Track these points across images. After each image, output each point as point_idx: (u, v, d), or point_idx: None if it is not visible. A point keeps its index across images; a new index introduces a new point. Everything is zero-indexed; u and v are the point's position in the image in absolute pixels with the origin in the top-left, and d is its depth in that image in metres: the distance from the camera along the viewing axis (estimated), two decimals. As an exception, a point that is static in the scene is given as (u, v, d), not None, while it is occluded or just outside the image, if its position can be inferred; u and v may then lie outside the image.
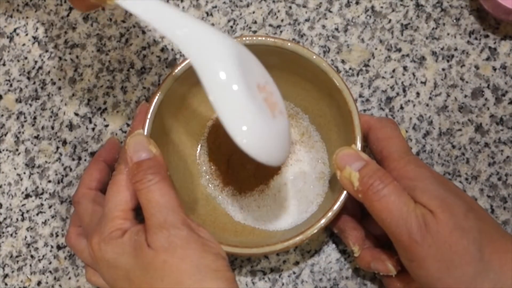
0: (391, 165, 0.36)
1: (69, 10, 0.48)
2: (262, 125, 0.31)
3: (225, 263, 0.33)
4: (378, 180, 0.34)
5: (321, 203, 0.41)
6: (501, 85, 0.44)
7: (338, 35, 0.46)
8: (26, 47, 0.48)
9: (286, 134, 0.34)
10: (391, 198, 0.33)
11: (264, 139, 0.31)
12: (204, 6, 0.47)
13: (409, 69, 0.45)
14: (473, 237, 0.32)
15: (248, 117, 0.30)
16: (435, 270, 0.32)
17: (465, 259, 0.32)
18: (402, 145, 0.37)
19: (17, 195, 0.46)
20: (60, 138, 0.46)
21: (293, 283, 0.43)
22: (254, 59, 0.34)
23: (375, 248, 0.39)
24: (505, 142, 0.44)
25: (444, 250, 0.32)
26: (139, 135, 0.36)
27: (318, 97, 0.42)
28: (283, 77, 0.42)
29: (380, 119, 0.39)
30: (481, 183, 0.43)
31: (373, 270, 0.38)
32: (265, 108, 0.32)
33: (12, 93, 0.47)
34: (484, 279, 0.32)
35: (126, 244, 0.33)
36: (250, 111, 0.30)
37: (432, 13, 0.45)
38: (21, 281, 0.45)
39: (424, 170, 0.35)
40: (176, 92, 0.40)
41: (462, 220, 0.32)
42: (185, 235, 0.32)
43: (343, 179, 0.35)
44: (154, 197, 0.33)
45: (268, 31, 0.46)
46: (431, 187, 0.34)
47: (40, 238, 0.45)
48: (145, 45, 0.47)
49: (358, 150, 0.36)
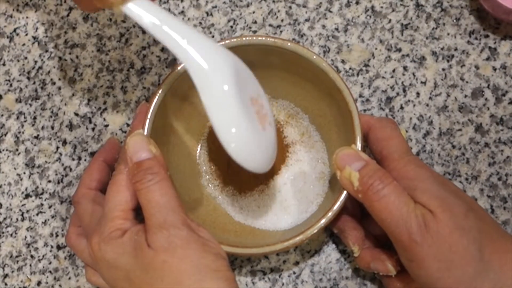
0: (391, 165, 0.36)
1: (69, 10, 0.48)
2: (251, 135, 0.33)
3: (225, 263, 0.33)
4: (378, 180, 0.34)
5: (321, 203, 0.41)
6: (501, 85, 0.44)
7: (338, 35, 0.46)
8: (26, 47, 0.48)
9: (273, 144, 0.36)
10: (391, 198, 0.33)
11: (252, 149, 0.33)
12: (204, 6, 0.47)
13: (409, 69, 0.45)
14: (473, 237, 0.32)
15: (238, 126, 0.32)
16: (435, 270, 0.32)
17: (465, 259, 0.32)
18: (402, 145, 0.37)
19: (17, 195, 0.46)
20: (60, 138, 0.46)
21: (293, 283, 0.43)
22: (248, 72, 0.35)
23: (375, 248, 0.39)
24: (505, 142, 0.44)
25: (444, 250, 0.32)
26: (139, 135, 0.36)
27: (318, 97, 0.42)
28: (283, 77, 0.42)
29: (380, 119, 0.39)
30: (481, 183, 0.43)
31: (373, 270, 0.38)
32: (256, 120, 0.33)
33: (12, 93, 0.47)
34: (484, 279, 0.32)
35: (126, 244, 0.33)
36: (241, 120, 0.32)
37: (432, 13, 0.45)
38: (21, 281, 0.45)
39: (424, 170, 0.35)
40: (176, 92, 0.40)
41: (462, 220, 0.32)
42: (185, 235, 0.32)
43: (343, 179, 0.35)
44: (154, 197, 0.33)
45: (268, 31, 0.46)
46: (431, 187, 0.34)
47: (40, 238, 0.45)
48: (145, 45, 0.47)
49: (358, 150, 0.36)
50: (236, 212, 0.42)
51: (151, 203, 0.33)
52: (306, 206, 0.42)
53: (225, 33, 0.47)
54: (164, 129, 0.41)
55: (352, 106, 0.38)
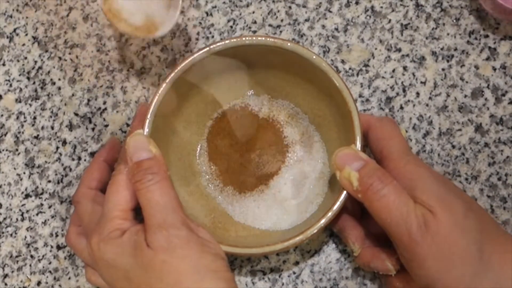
0: (391, 165, 0.36)
1: (69, 10, 0.48)
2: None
3: (224, 263, 0.33)
4: (377, 180, 0.34)
5: (321, 203, 0.41)
6: (501, 85, 0.44)
7: (338, 35, 0.46)
8: (26, 47, 0.48)
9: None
10: (390, 198, 0.33)
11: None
12: (204, 6, 0.47)
13: (409, 69, 0.45)
14: (472, 237, 0.32)
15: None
16: (435, 270, 0.32)
17: (465, 259, 0.32)
18: (402, 145, 0.37)
19: (17, 195, 0.46)
20: (60, 138, 0.46)
21: (293, 283, 0.43)
22: None
23: (375, 247, 0.39)
24: (505, 142, 0.44)
25: (444, 250, 0.32)
26: (139, 135, 0.36)
27: (318, 97, 0.42)
28: (282, 77, 0.42)
29: (380, 118, 0.39)
30: (481, 183, 0.43)
31: (373, 269, 0.38)
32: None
33: (12, 93, 0.47)
34: (483, 278, 0.32)
35: (125, 244, 0.33)
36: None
37: (432, 13, 0.45)
38: (21, 281, 0.45)
39: (424, 170, 0.35)
40: (176, 92, 0.40)
41: (461, 220, 0.32)
42: (184, 235, 0.32)
43: (342, 179, 0.35)
44: (153, 197, 0.33)
45: (268, 31, 0.46)
46: (431, 186, 0.34)
47: (40, 238, 0.45)
48: (145, 45, 0.47)
49: (357, 150, 0.36)
50: (236, 212, 0.42)
51: (151, 203, 0.33)
52: (306, 206, 0.42)
53: (225, 33, 0.47)
54: (164, 129, 0.41)
55: (352, 106, 0.38)
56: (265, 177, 0.43)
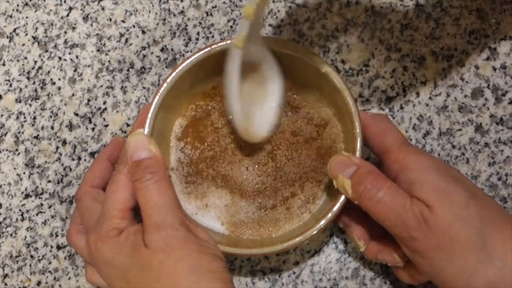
0: (391, 158, 0.36)
1: (69, 10, 0.48)
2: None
3: (222, 264, 0.33)
4: (369, 185, 0.34)
5: (321, 204, 0.41)
6: (501, 85, 0.44)
7: (338, 35, 0.46)
8: (26, 47, 0.48)
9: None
10: (386, 202, 0.33)
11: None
12: (204, 6, 0.47)
13: (409, 69, 0.45)
14: (474, 226, 0.32)
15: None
16: (438, 260, 0.32)
17: (467, 248, 0.32)
18: (399, 136, 0.37)
19: (17, 195, 0.46)
20: (60, 138, 0.46)
21: (293, 283, 0.43)
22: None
23: (383, 239, 0.39)
24: (505, 142, 0.43)
25: (445, 242, 0.32)
26: (140, 134, 0.36)
27: (318, 97, 0.42)
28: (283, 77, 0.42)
29: (373, 115, 0.39)
30: (481, 183, 0.43)
31: (381, 261, 0.38)
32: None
33: (12, 93, 0.47)
34: (488, 266, 0.32)
35: (122, 244, 0.33)
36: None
37: (432, 13, 0.45)
38: (21, 281, 0.45)
39: (424, 158, 0.35)
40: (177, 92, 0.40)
41: (462, 210, 0.32)
42: (182, 236, 0.32)
43: (339, 187, 0.36)
44: (152, 197, 0.33)
45: (268, 31, 0.46)
46: (430, 178, 0.34)
47: (40, 238, 0.45)
48: (145, 45, 0.47)
49: (349, 155, 0.36)
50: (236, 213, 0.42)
51: (149, 203, 0.33)
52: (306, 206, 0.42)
53: (225, 33, 0.47)
54: (165, 129, 0.41)
55: (352, 106, 0.38)
56: (265, 177, 0.43)
